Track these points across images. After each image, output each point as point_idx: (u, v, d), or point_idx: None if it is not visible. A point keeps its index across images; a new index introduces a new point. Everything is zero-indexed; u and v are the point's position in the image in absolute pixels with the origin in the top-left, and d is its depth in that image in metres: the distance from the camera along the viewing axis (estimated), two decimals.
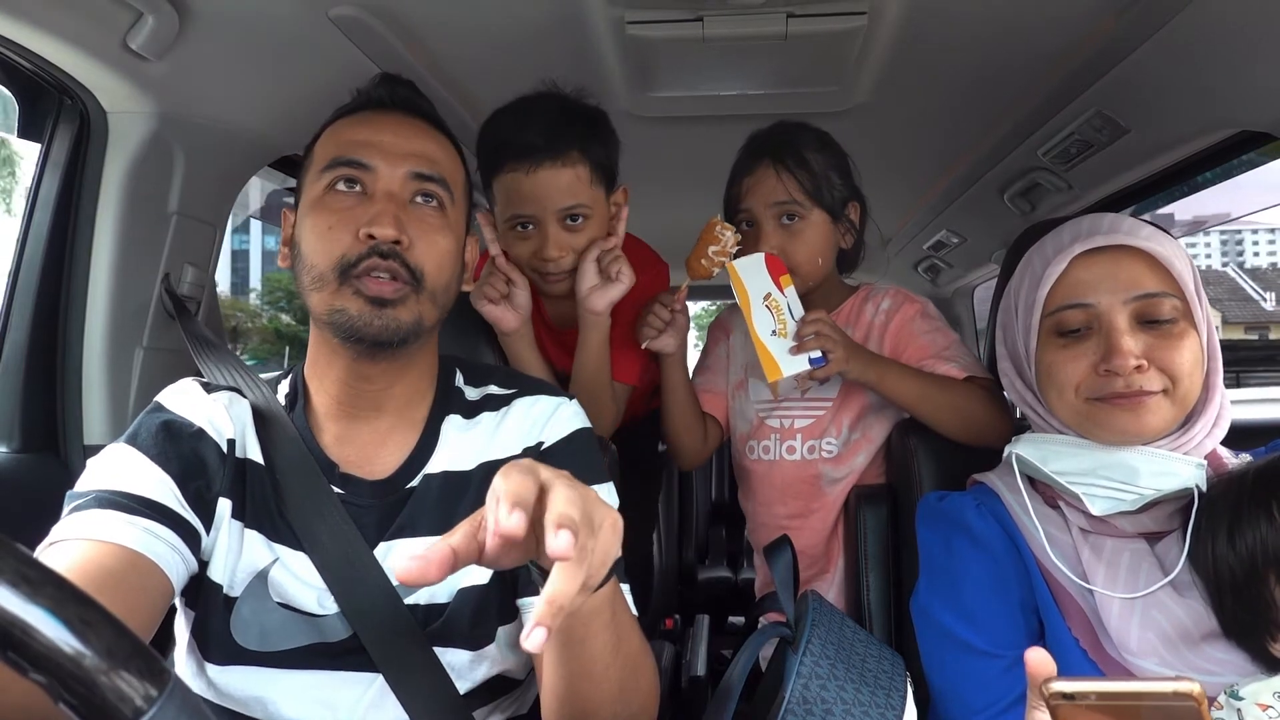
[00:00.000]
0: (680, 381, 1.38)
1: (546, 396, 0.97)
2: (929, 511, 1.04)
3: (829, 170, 1.33)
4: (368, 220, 0.83)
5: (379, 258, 0.83)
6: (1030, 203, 1.99)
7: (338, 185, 0.86)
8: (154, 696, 0.35)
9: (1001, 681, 0.90)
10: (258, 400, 0.92)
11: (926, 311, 1.35)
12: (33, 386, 1.22)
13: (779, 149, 1.33)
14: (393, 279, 0.83)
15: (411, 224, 0.85)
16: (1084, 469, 0.91)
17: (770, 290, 1.26)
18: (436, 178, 0.89)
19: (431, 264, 0.86)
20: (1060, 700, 0.56)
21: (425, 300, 0.87)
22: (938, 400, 1.22)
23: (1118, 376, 0.87)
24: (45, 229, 1.22)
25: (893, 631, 1.22)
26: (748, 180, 1.35)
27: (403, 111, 0.92)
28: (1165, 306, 0.88)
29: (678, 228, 1.77)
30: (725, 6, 1.23)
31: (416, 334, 0.87)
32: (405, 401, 0.92)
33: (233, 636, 0.83)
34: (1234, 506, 0.83)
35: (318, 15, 1.19)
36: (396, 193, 0.86)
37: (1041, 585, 0.92)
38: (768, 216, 1.32)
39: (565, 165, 1.20)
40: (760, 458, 1.43)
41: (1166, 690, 0.54)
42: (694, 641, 2.23)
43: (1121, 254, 0.90)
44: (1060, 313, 0.92)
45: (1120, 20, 1.21)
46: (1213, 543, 0.83)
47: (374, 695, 0.82)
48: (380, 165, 0.86)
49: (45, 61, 1.11)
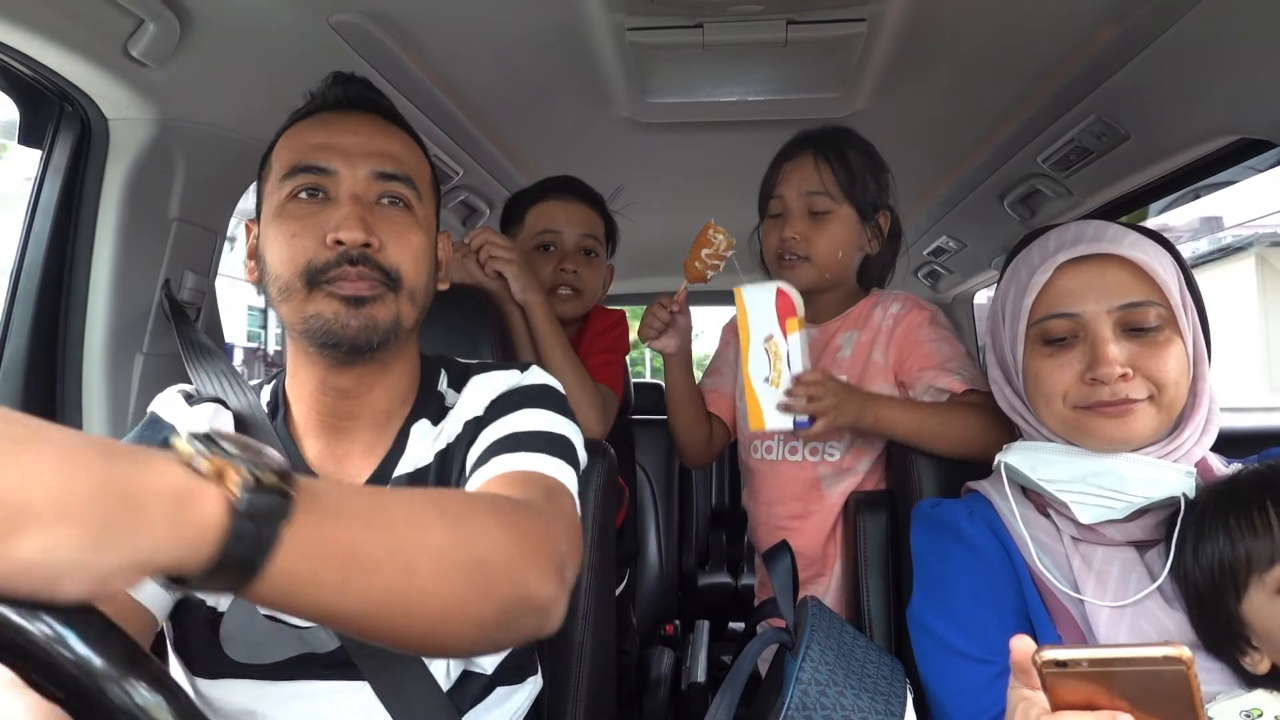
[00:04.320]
0: (681, 380, 1.42)
1: (497, 372, 0.94)
2: (923, 518, 1.04)
3: (866, 172, 1.35)
4: (334, 225, 0.81)
5: (349, 264, 0.81)
6: (1030, 209, 2.00)
7: (299, 194, 0.84)
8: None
9: (994, 688, 0.90)
10: (242, 408, 0.91)
11: (935, 320, 1.35)
12: (32, 392, 1.22)
13: (821, 141, 1.36)
14: (366, 280, 0.81)
15: (380, 225, 0.83)
16: (1073, 477, 0.91)
17: (773, 333, 1.20)
18: (401, 176, 0.86)
19: (407, 263, 0.85)
20: (1053, 669, 0.57)
21: (404, 300, 0.85)
22: (933, 430, 1.22)
23: (1103, 385, 0.88)
24: (46, 235, 1.22)
25: (893, 637, 1.22)
26: (786, 166, 1.38)
27: (360, 110, 0.89)
28: (1149, 315, 0.88)
29: (676, 233, 1.77)
30: (725, 13, 1.23)
31: (395, 334, 0.85)
32: (382, 410, 0.90)
33: (222, 650, 0.82)
34: (1198, 520, 0.84)
35: (319, 22, 1.19)
36: (361, 195, 0.84)
37: (1032, 592, 0.92)
38: (798, 203, 1.35)
39: (592, 209, 1.54)
40: (764, 457, 1.44)
41: (1156, 655, 0.54)
42: (694, 647, 2.23)
43: (1106, 263, 0.90)
44: (1046, 322, 0.92)
45: (1120, 27, 1.21)
46: (1185, 555, 0.84)
47: (363, 705, 0.82)
48: (341, 168, 0.84)
49: (46, 68, 1.11)
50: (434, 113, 1.58)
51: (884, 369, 1.34)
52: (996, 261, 2.32)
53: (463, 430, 0.89)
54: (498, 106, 1.64)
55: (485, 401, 0.90)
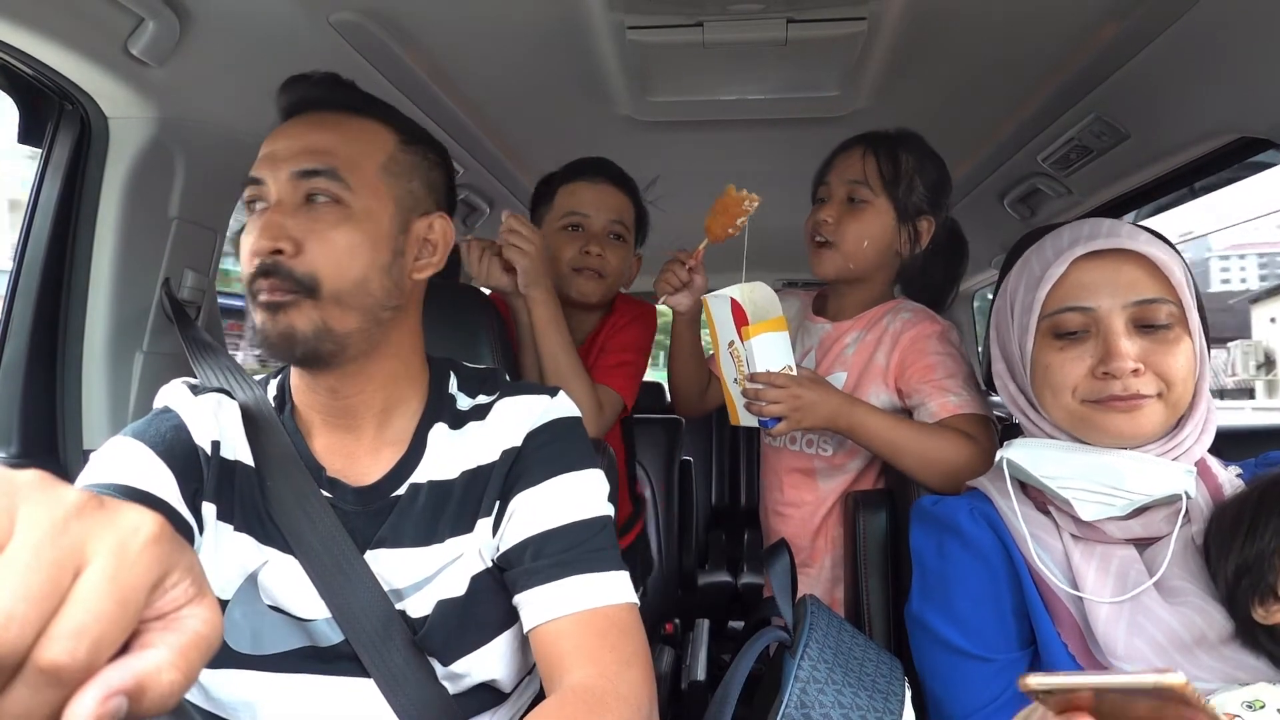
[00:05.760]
0: (687, 338, 1.48)
1: (527, 395, 0.94)
2: (922, 515, 1.04)
3: (915, 174, 1.35)
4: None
5: (262, 276, 0.80)
6: (1030, 208, 2.00)
7: (253, 205, 0.84)
8: None
9: (992, 684, 0.90)
10: (248, 401, 0.91)
11: (945, 336, 1.34)
12: (33, 391, 1.23)
13: (877, 137, 1.37)
14: (278, 290, 0.80)
15: (303, 227, 0.81)
16: (1074, 473, 0.91)
17: (734, 338, 1.24)
18: (323, 170, 0.82)
19: (327, 266, 0.80)
20: (1043, 695, 0.54)
21: (328, 306, 0.81)
22: (909, 449, 1.22)
23: (1115, 379, 0.88)
24: (46, 234, 1.22)
25: (892, 636, 1.22)
26: (839, 156, 1.40)
27: (302, 112, 0.88)
28: (1162, 312, 0.88)
29: (677, 231, 1.77)
30: (725, 12, 1.23)
31: (332, 342, 0.82)
32: (383, 409, 0.89)
33: (225, 639, 0.82)
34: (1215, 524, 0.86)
35: (318, 21, 1.19)
36: (286, 199, 0.82)
37: (1032, 590, 0.92)
38: (839, 192, 1.36)
39: (622, 193, 1.50)
40: (770, 443, 1.50)
41: (1147, 684, 0.50)
42: (694, 646, 2.23)
43: (1122, 258, 0.90)
44: (1058, 315, 0.92)
45: (1120, 25, 1.21)
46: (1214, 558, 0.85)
47: (364, 699, 0.82)
48: (268, 176, 0.83)
49: (46, 67, 1.11)
50: (433, 111, 1.58)
51: (884, 371, 1.33)
52: (996, 261, 2.32)
53: (499, 459, 0.89)
54: (498, 105, 1.64)
55: (522, 431, 0.90)
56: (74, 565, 0.31)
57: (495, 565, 0.87)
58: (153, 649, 0.32)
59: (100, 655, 0.30)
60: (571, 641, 0.80)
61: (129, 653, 0.32)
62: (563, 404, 0.95)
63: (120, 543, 0.32)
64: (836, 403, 1.23)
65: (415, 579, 0.85)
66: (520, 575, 0.84)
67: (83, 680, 0.30)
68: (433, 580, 0.85)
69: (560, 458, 0.89)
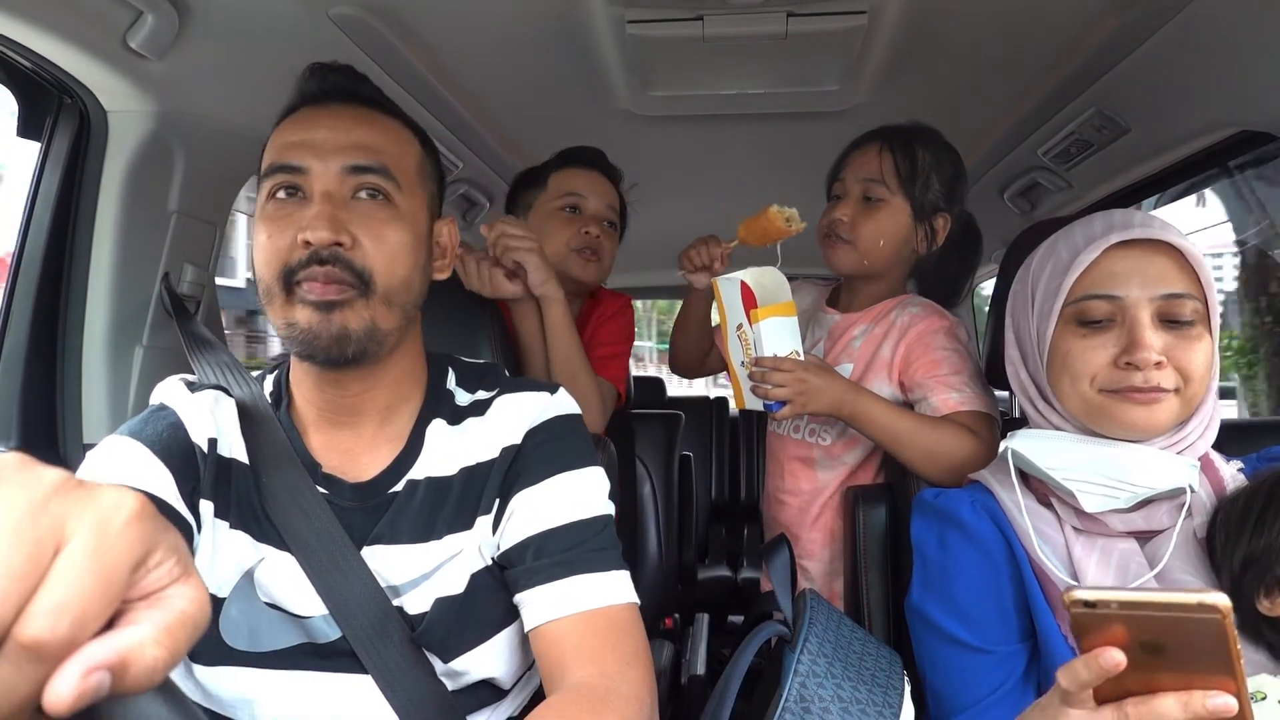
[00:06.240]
0: (698, 309, 1.52)
1: (527, 392, 0.93)
2: (924, 507, 1.04)
3: (932, 171, 1.33)
4: (305, 225, 0.79)
5: (317, 264, 0.79)
6: (1030, 202, 1.99)
7: (278, 193, 0.83)
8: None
9: (992, 676, 0.91)
10: (244, 398, 0.90)
11: (954, 332, 1.33)
12: (32, 385, 1.23)
13: (892, 133, 1.36)
14: (335, 283, 0.79)
15: (355, 222, 0.81)
16: (1079, 465, 0.91)
17: (742, 321, 1.24)
18: (376, 167, 0.83)
19: (380, 263, 0.81)
20: (1082, 609, 0.53)
21: (377, 304, 0.81)
22: (911, 440, 1.22)
23: (1137, 371, 0.87)
24: (45, 228, 1.22)
25: (892, 630, 1.22)
26: (855, 153, 1.39)
27: (339, 102, 0.87)
28: (1188, 308, 0.88)
29: (676, 226, 1.77)
30: (725, 6, 1.23)
31: (375, 341, 0.82)
32: (387, 406, 0.89)
33: (222, 637, 0.82)
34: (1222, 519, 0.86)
35: (318, 14, 1.19)
36: (334, 191, 0.81)
37: (1033, 582, 0.92)
38: (855, 188, 1.35)
39: (611, 185, 1.53)
40: (774, 429, 1.50)
41: (1191, 602, 0.50)
42: (694, 640, 2.23)
43: (1153, 250, 0.90)
44: (1084, 301, 0.91)
45: (1121, 19, 1.21)
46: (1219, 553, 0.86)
47: (361, 696, 0.82)
48: (313, 165, 0.81)
49: (45, 60, 1.11)
50: (433, 105, 1.58)
51: (889, 364, 1.33)
52: (997, 255, 2.32)
53: (499, 456, 0.89)
54: (497, 99, 1.64)
55: (521, 428, 0.90)
56: (54, 542, 0.31)
57: (495, 563, 0.87)
58: (136, 625, 0.32)
59: (82, 631, 0.30)
60: (573, 641, 0.80)
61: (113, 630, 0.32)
62: (563, 401, 0.94)
63: (101, 520, 0.32)
64: (842, 389, 1.23)
65: (413, 575, 0.85)
66: (521, 574, 0.84)
67: (64, 656, 0.30)
68: (431, 577, 0.85)
69: (560, 456, 0.89)
